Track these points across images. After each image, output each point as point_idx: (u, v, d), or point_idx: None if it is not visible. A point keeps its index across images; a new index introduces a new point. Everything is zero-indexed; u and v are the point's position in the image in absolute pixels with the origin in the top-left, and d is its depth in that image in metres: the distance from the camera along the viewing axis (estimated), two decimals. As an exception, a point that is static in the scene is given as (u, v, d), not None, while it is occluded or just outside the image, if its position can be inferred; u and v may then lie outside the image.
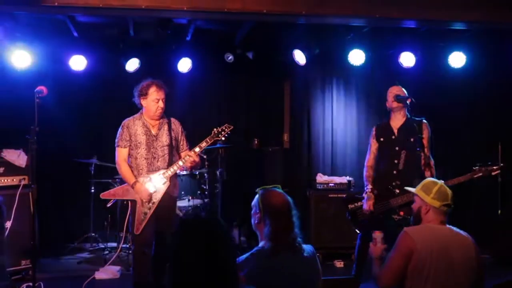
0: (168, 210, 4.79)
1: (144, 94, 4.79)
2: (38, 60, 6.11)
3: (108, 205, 4.96)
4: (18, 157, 5.60)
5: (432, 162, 4.71)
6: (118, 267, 5.92)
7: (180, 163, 4.74)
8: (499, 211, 6.70)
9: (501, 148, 6.70)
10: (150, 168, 4.73)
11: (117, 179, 6.30)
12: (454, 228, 3.12)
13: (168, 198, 4.79)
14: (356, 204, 5.00)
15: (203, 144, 4.81)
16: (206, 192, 6.74)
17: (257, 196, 2.96)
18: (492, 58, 7.05)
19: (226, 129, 4.86)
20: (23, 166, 5.60)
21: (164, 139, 4.82)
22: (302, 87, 7.69)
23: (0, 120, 6.13)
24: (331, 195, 6.64)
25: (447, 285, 2.92)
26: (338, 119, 7.61)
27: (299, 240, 2.85)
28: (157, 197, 4.68)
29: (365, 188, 4.93)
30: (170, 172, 4.72)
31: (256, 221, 2.92)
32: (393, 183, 4.74)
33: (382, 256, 3.30)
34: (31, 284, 4.62)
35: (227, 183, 7.03)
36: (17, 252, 5.32)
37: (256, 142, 7.70)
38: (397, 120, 4.92)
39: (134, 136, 4.77)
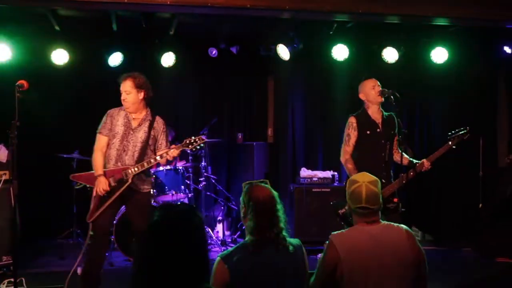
0: (140, 206, 4.67)
1: (118, 86, 4.74)
2: (19, 54, 6.03)
3: (77, 187, 4.95)
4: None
5: (404, 156, 4.83)
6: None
7: (145, 164, 4.58)
8: (480, 205, 6.78)
9: (482, 142, 6.79)
10: (118, 159, 4.62)
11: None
12: (391, 225, 2.98)
13: (137, 194, 4.67)
14: (346, 207, 4.88)
15: (170, 152, 4.64)
16: (191, 187, 6.73)
17: (243, 190, 2.98)
18: (474, 53, 7.14)
19: (198, 141, 4.66)
20: (4, 161, 5.54)
21: (140, 135, 4.70)
22: (286, 82, 7.70)
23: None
24: (315, 189, 6.67)
25: (390, 285, 2.80)
26: (321, 114, 7.64)
27: (284, 234, 2.85)
28: (115, 192, 4.53)
29: (351, 174, 4.80)
30: (132, 171, 4.56)
31: (242, 215, 2.94)
32: (380, 175, 4.78)
33: None
34: (12, 280, 4.56)
35: (211, 178, 7.03)
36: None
37: (240, 136, 7.71)
38: (376, 114, 4.93)
39: (114, 126, 4.69)
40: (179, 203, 1.99)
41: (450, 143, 4.70)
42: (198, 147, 4.67)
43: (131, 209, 4.73)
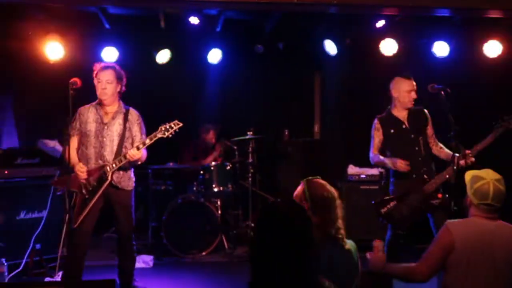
0: (125, 206, 4.59)
1: (94, 76, 4.56)
2: (70, 52, 6.18)
3: (58, 193, 4.81)
4: (53, 148, 5.69)
5: (440, 145, 4.79)
6: (151, 256, 5.99)
7: (122, 158, 4.42)
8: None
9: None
10: (97, 157, 4.49)
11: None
12: (507, 224, 3.04)
13: (121, 193, 4.57)
14: (388, 206, 4.79)
15: (147, 141, 4.45)
16: (238, 183, 6.77)
17: (300, 186, 2.96)
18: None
19: (174, 126, 4.44)
20: (58, 156, 5.68)
21: (116, 128, 4.55)
22: (333, 78, 7.63)
23: (36, 112, 6.24)
24: (363, 187, 6.59)
25: (488, 280, 2.88)
26: (369, 109, 7.52)
27: (339, 235, 2.85)
28: (96, 192, 4.41)
29: (385, 160, 4.76)
30: (111, 167, 4.43)
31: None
32: (420, 171, 4.71)
33: (384, 266, 3.13)
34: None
35: (257, 174, 7.04)
36: (52, 240, 5.41)
37: (286, 133, 7.68)
38: (401, 111, 4.87)
39: (84, 124, 4.54)
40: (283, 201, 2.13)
41: (495, 132, 4.55)
42: (174, 133, 4.45)
43: (117, 209, 4.57)
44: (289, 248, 1.96)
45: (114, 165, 4.43)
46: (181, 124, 4.48)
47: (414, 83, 4.86)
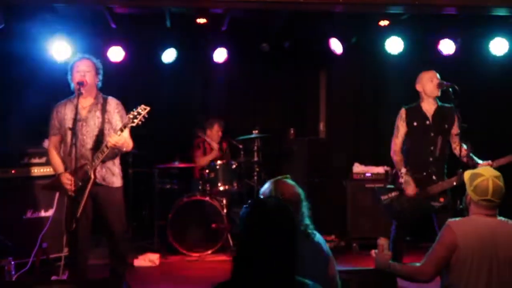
0: (113, 205, 4.43)
1: (69, 69, 4.39)
2: (77, 51, 6.18)
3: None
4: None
5: (463, 148, 4.66)
6: (157, 255, 6.01)
7: (105, 149, 4.20)
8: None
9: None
10: (81, 156, 4.28)
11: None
12: (508, 220, 3.06)
13: (108, 191, 4.41)
14: (389, 194, 4.79)
15: (118, 133, 4.16)
16: (242, 182, 6.77)
17: (268, 186, 2.99)
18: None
19: (142, 112, 4.09)
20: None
21: (94, 122, 4.35)
22: (339, 77, 7.63)
23: (42, 111, 6.23)
24: (368, 185, 6.58)
25: (492, 278, 2.89)
26: (374, 108, 7.53)
27: (309, 231, 2.88)
28: (84, 192, 4.24)
29: (401, 173, 4.71)
30: (92, 165, 4.24)
31: None
32: (429, 170, 4.67)
33: (389, 264, 3.20)
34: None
35: (262, 173, 7.05)
36: (59, 240, 5.42)
37: (292, 131, 7.68)
38: (429, 105, 4.77)
39: (63, 121, 4.36)
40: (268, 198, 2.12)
41: None
42: (143, 119, 4.11)
43: (105, 208, 4.41)
44: (275, 244, 1.95)
45: (94, 162, 4.25)
46: (148, 108, 4.12)
47: (435, 72, 4.80)
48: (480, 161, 4.59)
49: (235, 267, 2.00)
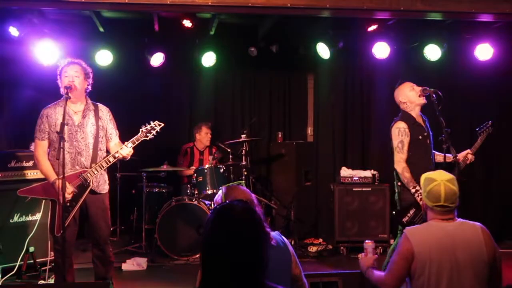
0: (101, 210, 4.43)
1: (58, 73, 4.36)
2: (65, 55, 6.17)
3: (26, 201, 4.74)
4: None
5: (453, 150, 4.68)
6: (144, 259, 6.00)
7: (104, 164, 4.28)
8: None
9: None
10: (74, 163, 4.28)
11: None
12: (466, 222, 2.98)
13: (98, 197, 4.40)
14: (408, 214, 4.54)
15: (129, 145, 4.32)
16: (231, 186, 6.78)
17: (220, 192, 3.03)
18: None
19: (156, 127, 4.32)
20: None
21: (89, 129, 4.33)
22: (326, 81, 7.68)
23: (29, 115, 6.21)
24: (356, 189, 6.63)
25: (453, 284, 2.83)
26: (361, 112, 7.58)
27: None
28: (78, 199, 4.25)
29: (416, 190, 4.46)
30: (91, 174, 4.27)
31: None
32: None
33: (374, 267, 3.22)
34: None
35: (251, 177, 7.06)
36: (46, 244, 5.40)
37: (280, 135, 7.72)
38: (417, 116, 4.77)
39: (54, 126, 4.27)
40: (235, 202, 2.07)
41: (481, 137, 4.79)
42: (156, 133, 4.34)
43: (94, 213, 4.40)
44: (243, 249, 1.92)
45: (94, 171, 4.28)
46: (162, 124, 4.35)
47: (411, 82, 4.82)
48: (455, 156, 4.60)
49: (203, 275, 1.97)
